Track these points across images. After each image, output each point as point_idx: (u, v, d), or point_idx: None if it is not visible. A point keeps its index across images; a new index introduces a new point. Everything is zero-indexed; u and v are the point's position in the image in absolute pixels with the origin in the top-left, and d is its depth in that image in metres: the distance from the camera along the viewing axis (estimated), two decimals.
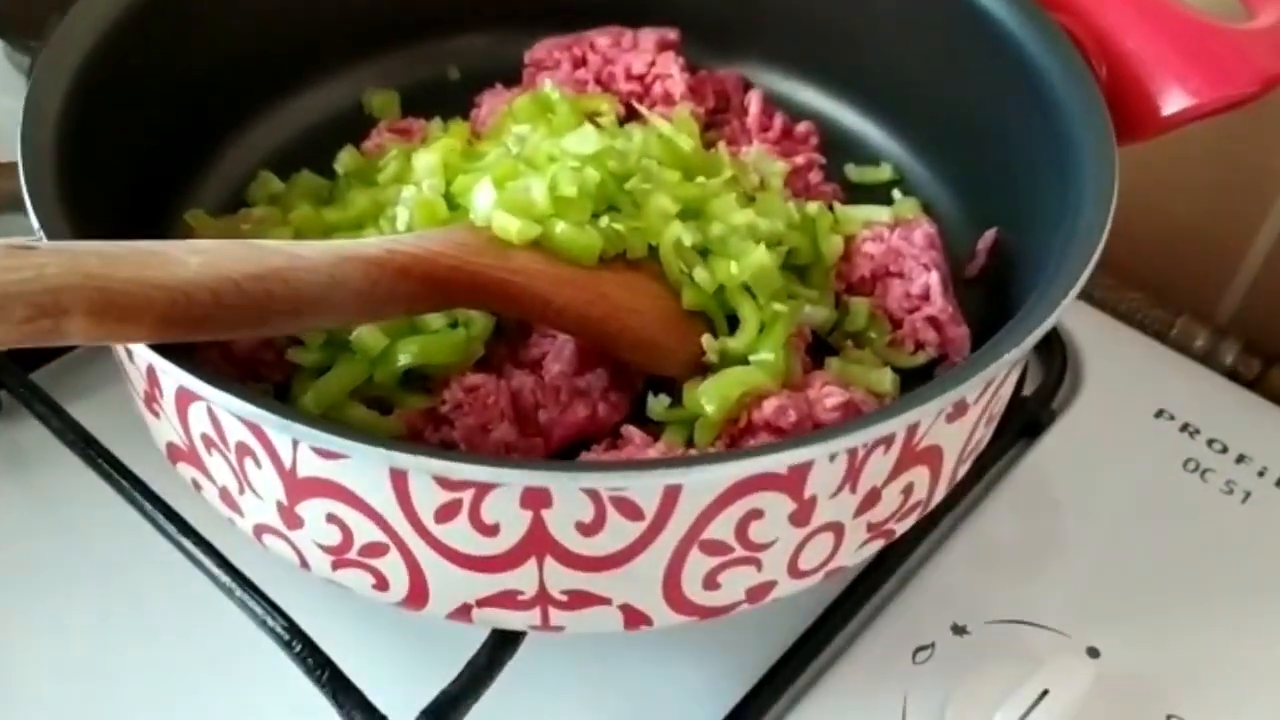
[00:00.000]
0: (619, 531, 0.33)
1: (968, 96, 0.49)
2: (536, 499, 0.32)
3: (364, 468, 0.32)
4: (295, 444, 0.33)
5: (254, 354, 0.42)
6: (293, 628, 0.38)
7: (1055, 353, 0.55)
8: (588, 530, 0.33)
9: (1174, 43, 0.45)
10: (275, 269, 0.33)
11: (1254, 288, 0.62)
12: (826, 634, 0.44)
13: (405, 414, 0.41)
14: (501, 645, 0.39)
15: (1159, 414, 0.54)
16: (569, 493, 0.32)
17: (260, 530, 0.37)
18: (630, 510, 0.32)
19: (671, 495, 0.32)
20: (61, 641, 0.43)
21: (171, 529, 0.41)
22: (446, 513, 0.33)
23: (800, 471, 0.33)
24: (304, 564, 0.37)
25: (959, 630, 0.45)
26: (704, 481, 0.32)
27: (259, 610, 0.39)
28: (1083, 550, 0.49)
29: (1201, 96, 0.44)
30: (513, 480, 0.31)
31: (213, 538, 0.41)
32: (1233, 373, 0.59)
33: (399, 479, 0.32)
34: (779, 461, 0.32)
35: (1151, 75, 0.44)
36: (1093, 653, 0.45)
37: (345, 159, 0.50)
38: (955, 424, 0.37)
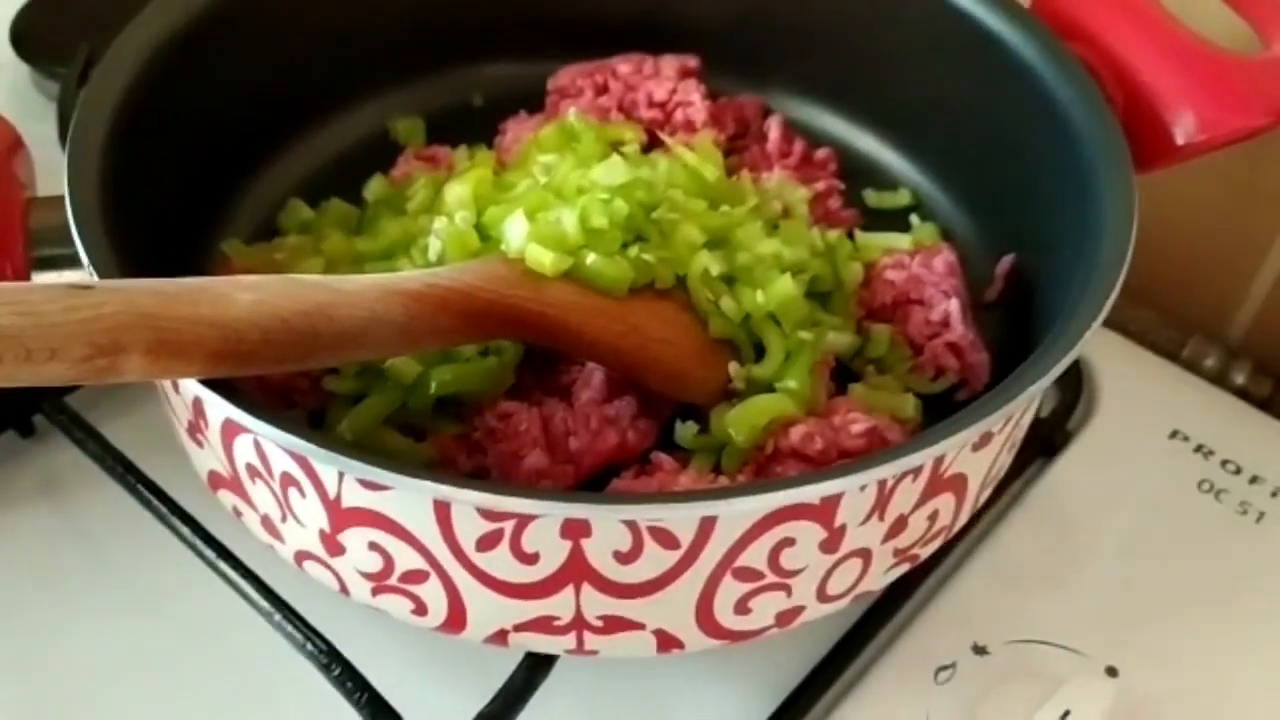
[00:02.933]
0: (655, 560, 0.34)
1: (985, 124, 0.50)
2: (576, 529, 0.33)
3: (408, 499, 0.33)
4: (340, 475, 0.34)
5: (289, 382, 0.43)
6: (331, 651, 0.39)
7: (1071, 374, 0.56)
8: (625, 559, 0.34)
9: (1189, 74, 0.45)
10: (320, 305, 0.34)
11: (1265, 308, 0.63)
12: (849, 655, 0.45)
13: (438, 440, 0.42)
14: (536, 667, 0.39)
15: (1173, 435, 0.54)
16: (608, 523, 0.33)
17: (301, 557, 0.38)
18: (667, 540, 0.33)
19: (707, 525, 0.33)
20: (98, 666, 0.44)
21: (210, 554, 0.42)
22: (488, 542, 0.34)
23: (832, 501, 0.34)
24: (344, 590, 0.38)
25: (979, 650, 0.46)
26: (739, 512, 0.33)
27: (298, 635, 0.40)
28: (1099, 570, 0.49)
29: (1216, 129, 0.44)
30: (554, 512, 0.32)
31: (250, 562, 0.42)
32: (1244, 393, 0.60)
33: (441, 510, 0.33)
34: (812, 492, 0.33)
35: (1167, 106, 0.45)
36: (1111, 672, 0.46)
37: (374, 187, 0.51)
38: (980, 452, 0.38)
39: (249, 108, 0.50)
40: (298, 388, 0.43)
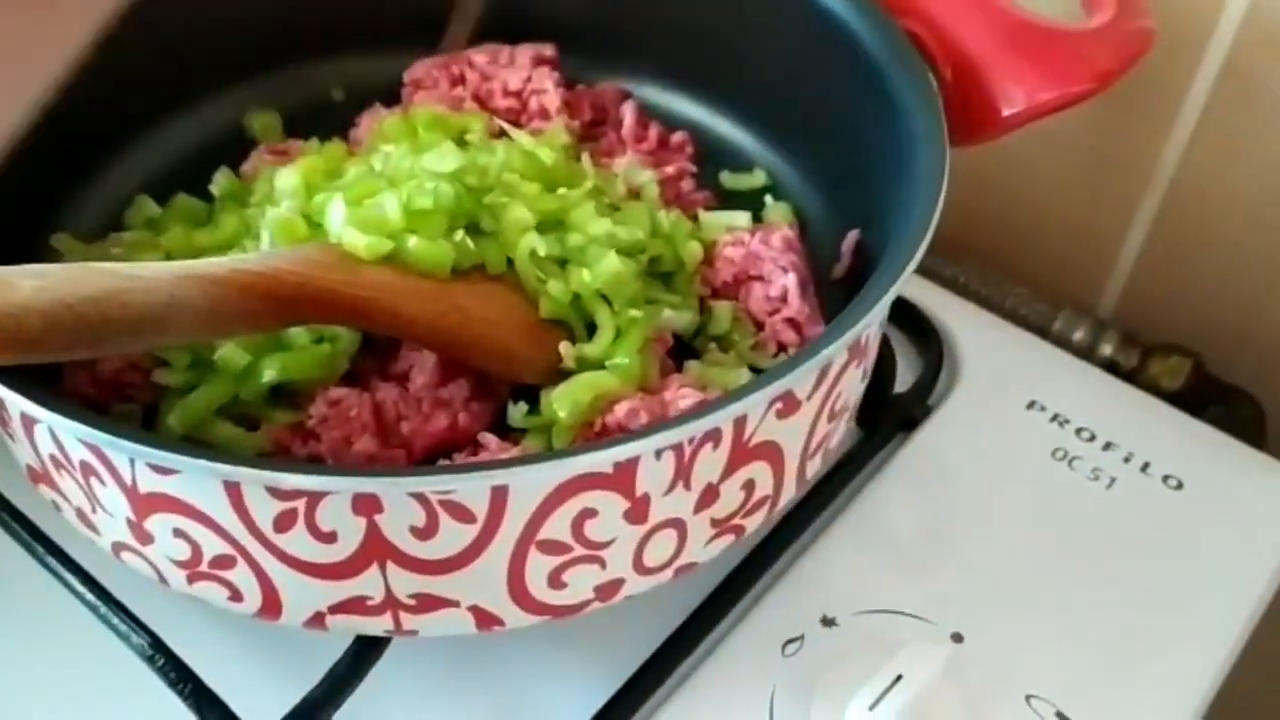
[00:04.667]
0: (453, 534, 0.34)
1: (826, 103, 0.51)
2: (367, 505, 0.33)
3: (198, 481, 0.33)
4: (132, 461, 0.34)
5: (120, 376, 0.42)
6: (156, 643, 0.39)
7: (932, 348, 0.56)
8: (422, 534, 0.34)
9: (1012, 45, 0.46)
10: (111, 291, 0.34)
11: (1131, 281, 0.64)
12: (697, 631, 0.45)
13: (272, 430, 0.42)
14: (365, 651, 0.39)
15: (1030, 405, 0.55)
16: (397, 497, 0.33)
17: (118, 548, 0.38)
18: (460, 513, 0.33)
19: (500, 496, 0.33)
20: None
21: (38, 548, 0.41)
22: (284, 522, 0.34)
23: (627, 469, 0.34)
24: (162, 579, 0.38)
25: (828, 622, 0.46)
26: (529, 482, 0.33)
27: (122, 626, 0.39)
28: (954, 541, 0.50)
29: (1038, 95, 0.45)
30: (338, 487, 0.32)
31: (79, 556, 0.42)
32: (1113, 364, 0.61)
33: (233, 490, 0.33)
34: (602, 460, 0.33)
35: (992, 78, 0.46)
36: (956, 638, 0.46)
37: (221, 181, 0.51)
38: (789, 420, 0.38)
39: (92, 100, 0.49)
40: (131, 382, 0.43)
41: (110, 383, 0.43)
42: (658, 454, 0.34)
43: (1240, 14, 0.53)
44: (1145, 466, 0.52)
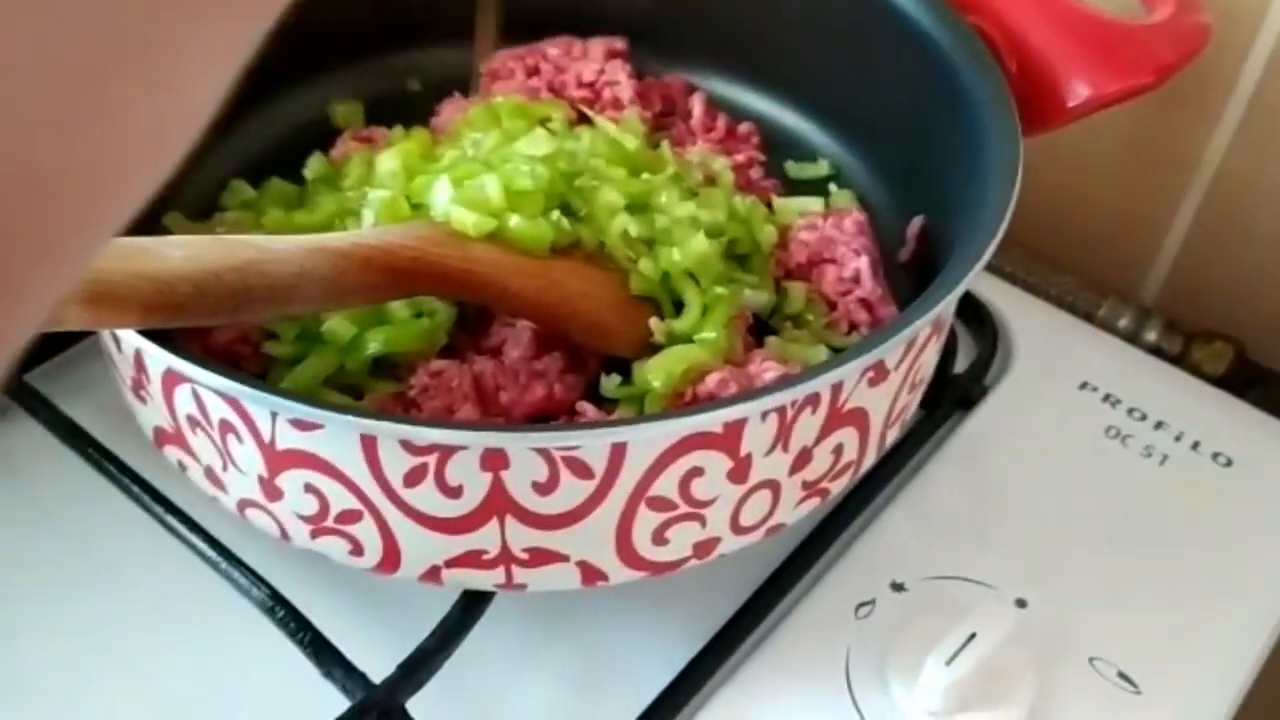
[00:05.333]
0: (572, 490, 0.36)
1: (892, 95, 0.53)
2: (495, 460, 0.35)
3: (337, 436, 0.36)
4: (274, 417, 0.36)
5: (231, 347, 0.45)
6: (275, 595, 0.41)
7: (987, 332, 0.59)
8: (543, 489, 0.36)
9: (1077, 39, 0.48)
10: (251, 261, 0.36)
11: (1174, 270, 0.66)
12: (775, 594, 0.47)
13: (375, 398, 0.44)
14: (472, 605, 0.42)
15: (1083, 386, 0.57)
16: (523, 453, 0.35)
17: (243, 505, 0.40)
18: (580, 469, 0.36)
19: (618, 453, 0.36)
20: (56, 627, 0.46)
21: (159, 509, 0.44)
22: (414, 477, 0.36)
23: (735, 430, 0.36)
24: (285, 535, 0.40)
25: (898, 587, 0.49)
26: (647, 439, 0.36)
27: (243, 581, 0.42)
28: (1013, 512, 0.52)
29: (1102, 88, 0.47)
30: (472, 442, 0.34)
31: (198, 518, 0.44)
32: (1156, 350, 0.63)
33: (369, 445, 0.35)
34: (714, 419, 0.35)
35: (1057, 69, 0.48)
36: (1021, 603, 0.48)
37: (314, 165, 0.53)
38: (878, 388, 0.40)
39: None
40: (240, 354, 0.45)
41: (222, 353, 0.45)
42: (763, 415, 0.36)
43: None
44: (1195, 445, 0.55)
